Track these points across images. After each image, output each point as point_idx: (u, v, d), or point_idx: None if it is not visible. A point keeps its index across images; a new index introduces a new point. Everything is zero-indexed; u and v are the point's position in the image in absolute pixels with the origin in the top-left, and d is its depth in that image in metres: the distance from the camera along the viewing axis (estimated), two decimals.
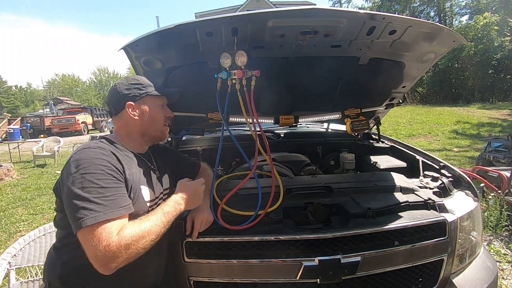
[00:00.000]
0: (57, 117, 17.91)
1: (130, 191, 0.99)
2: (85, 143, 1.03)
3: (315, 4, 3.08)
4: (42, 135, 14.41)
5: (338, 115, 2.06)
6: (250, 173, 1.37)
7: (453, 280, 1.29)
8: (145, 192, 1.06)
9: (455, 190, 1.52)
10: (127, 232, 0.87)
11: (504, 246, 2.73)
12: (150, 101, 1.13)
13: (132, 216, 0.99)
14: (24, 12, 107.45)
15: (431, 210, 1.27)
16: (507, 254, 2.61)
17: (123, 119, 1.11)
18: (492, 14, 16.84)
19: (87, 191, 0.86)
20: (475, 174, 3.44)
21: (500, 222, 2.92)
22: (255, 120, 1.39)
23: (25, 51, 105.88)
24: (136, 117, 1.10)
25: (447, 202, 1.35)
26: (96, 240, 0.83)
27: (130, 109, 1.09)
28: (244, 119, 1.52)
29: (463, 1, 21.45)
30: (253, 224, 1.15)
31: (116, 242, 0.84)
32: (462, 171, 1.65)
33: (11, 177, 6.54)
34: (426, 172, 1.66)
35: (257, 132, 1.41)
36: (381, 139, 2.38)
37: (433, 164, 1.77)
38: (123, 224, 0.90)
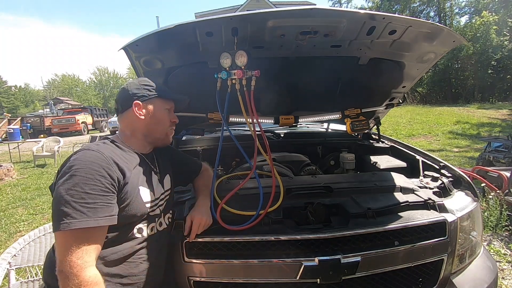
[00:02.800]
0: (57, 117, 17.91)
1: (127, 192, 0.98)
2: (87, 144, 1.03)
3: (315, 4, 3.08)
4: (42, 135, 14.41)
5: (338, 115, 2.06)
6: (250, 173, 1.37)
7: (453, 280, 1.29)
8: (144, 193, 1.06)
9: (455, 190, 1.52)
10: (94, 276, 0.85)
11: (504, 246, 2.73)
12: (157, 103, 1.14)
13: (129, 217, 0.99)
14: (23, 12, 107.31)
15: (431, 210, 1.27)
16: (507, 254, 2.61)
17: (129, 118, 1.12)
18: (490, 14, 16.84)
19: (70, 194, 0.86)
20: (475, 174, 3.44)
21: (500, 222, 2.92)
22: (255, 120, 1.39)
23: (24, 51, 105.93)
24: (142, 117, 1.11)
25: (447, 202, 1.35)
26: (66, 249, 0.84)
27: (136, 108, 1.10)
28: (244, 119, 1.52)
29: (463, 1, 21.50)
30: (253, 224, 1.15)
31: (82, 269, 0.83)
32: (462, 171, 1.65)
33: (11, 177, 6.54)
34: (426, 172, 1.66)
35: (257, 132, 1.41)
36: (381, 139, 2.38)
37: (433, 164, 1.77)
38: (98, 241, 0.90)
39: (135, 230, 1.03)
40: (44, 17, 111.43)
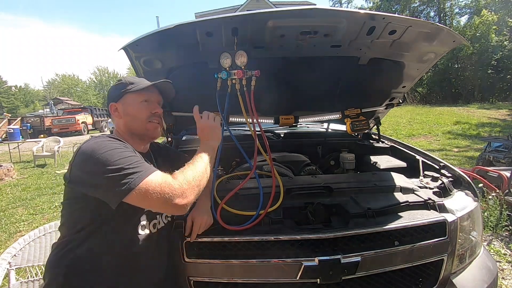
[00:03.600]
0: (57, 117, 17.91)
1: None
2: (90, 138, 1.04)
3: (315, 4, 3.07)
4: (42, 135, 14.40)
5: (338, 115, 2.06)
6: (250, 173, 1.37)
7: (453, 280, 1.29)
8: None
9: (455, 190, 1.52)
10: (178, 175, 0.98)
11: (504, 246, 2.73)
12: (130, 99, 1.13)
13: (121, 217, 0.99)
14: (22, 11, 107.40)
15: (431, 210, 1.27)
16: (507, 254, 2.61)
17: (114, 120, 1.15)
18: (490, 13, 16.84)
19: (118, 163, 0.90)
20: (475, 174, 3.44)
21: (500, 222, 2.92)
22: (255, 120, 1.39)
23: (24, 51, 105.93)
24: (120, 117, 1.12)
25: (447, 202, 1.35)
26: (158, 190, 0.89)
27: (112, 110, 1.13)
28: (244, 119, 1.52)
29: (463, 1, 21.50)
30: (254, 224, 1.15)
31: (175, 182, 0.94)
32: (462, 171, 1.65)
33: (11, 177, 6.54)
34: (426, 172, 1.66)
35: (257, 132, 1.41)
36: (381, 139, 2.38)
37: (433, 164, 1.77)
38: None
39: (139, 228, 1.04)
40: (44, 17, 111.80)
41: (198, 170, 1.02)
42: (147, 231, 1.06)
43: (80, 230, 0.99)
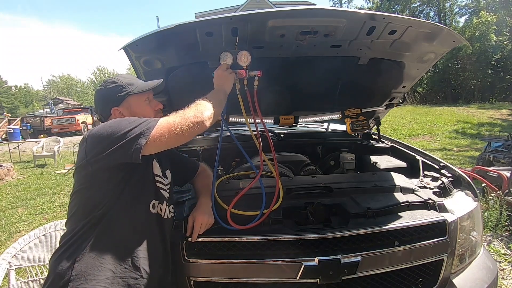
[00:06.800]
0: (57, 117, 17.87)
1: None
2: None
3: (315, 4, 3.07)
4: (42, 135, 14.38)
5: (338, 115, 2.06)
6: (258, 174, 1.35)
7: (453, 280, 1.29)
8: (156, 166, 1.09)
9: (455, 190, 1.52)
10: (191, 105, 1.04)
11: (504, 246, 2.73)
12: (133, 100, 1.13)
13: (137, 191, 1.00)
14: (21, 11, 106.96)
15: (431, 210, 1.27)
16: (507, 254, 2.62)
17: None
18: (489, 13, 16.86)
19: (130, 123, 0.94)
20: (475, 174, 3.44)
21: (500, 222, 2.92)
22: (258, 120, 1.39)
23: (23, 51, 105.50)
24: None
25: (447, 202, 1.35)
26: (174, 119, 0.96)
27: (116, 114, 1.11)
28: (244, 119, 1.52)
29: (463, 1, 21.52)
30: (258, 223, 1.15)
31: (188, 109, 1.01)
32: (462, 171, 1.65)
33: (11, 177, 6.54)
34: (426, 172, 1.66)
35: (260, 133, 1.40)
36: (381, 139, 2.38)
37: (433, 164, 1.77)
38: None
39: (150, 206, 1.04)
40: (42, 17, 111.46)
41: (209, 103, 1.08)
42: (157, 211, 1.06)
43: (91, 215, 0.96)
